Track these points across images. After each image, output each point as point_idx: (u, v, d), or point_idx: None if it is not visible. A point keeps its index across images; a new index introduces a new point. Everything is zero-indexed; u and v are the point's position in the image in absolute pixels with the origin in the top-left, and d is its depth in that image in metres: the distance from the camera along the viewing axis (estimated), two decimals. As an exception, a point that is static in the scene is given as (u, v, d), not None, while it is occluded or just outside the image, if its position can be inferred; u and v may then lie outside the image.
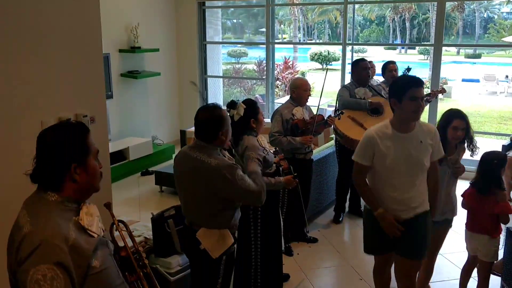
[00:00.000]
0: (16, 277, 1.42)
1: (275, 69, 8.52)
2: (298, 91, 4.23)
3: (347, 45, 6.99)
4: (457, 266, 3.85)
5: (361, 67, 4.68)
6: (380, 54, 24.53)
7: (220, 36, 8.65)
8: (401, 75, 2.70)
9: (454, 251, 4.16)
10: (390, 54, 26.56)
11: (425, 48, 26.49)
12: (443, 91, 5.35)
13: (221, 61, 8.89)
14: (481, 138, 2.97)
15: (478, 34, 30.48)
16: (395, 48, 30.10)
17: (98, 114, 2.87)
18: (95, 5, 2.79)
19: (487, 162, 3.09)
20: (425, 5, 31.15)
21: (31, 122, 2.53)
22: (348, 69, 6.88)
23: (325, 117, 4.34)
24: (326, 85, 4.22)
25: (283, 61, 15.73)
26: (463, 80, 19.56)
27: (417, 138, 2.65)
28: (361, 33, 30.34)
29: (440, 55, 6.38)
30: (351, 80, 4.84)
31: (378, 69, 5.50)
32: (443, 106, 6.03)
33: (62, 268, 1.37)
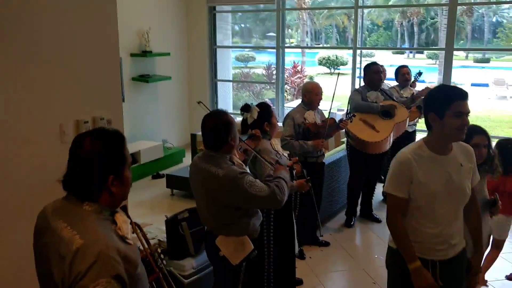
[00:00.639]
0: None
1: (284, 73, 8.54)
2: (309, 95, 4.23)
3: (358, 49, 7.00)
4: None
5: (373, 71, 4.69)
6: (388, 58, 24.48)
7: (230, 40, 8.69)
8: (440, 85, 2.34)
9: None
10: (398, 58, 26.50)
11: (433, 52, 26.43)
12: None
13: (231, 65, 8.93)
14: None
15: (487, 38, 30.34)
16: (403, 53, 30.05)
17: (114, 116, 2.90)
18: (112, 11, 2.82)
19: (504, 146, 3.16)
20: (433, 9, 31.13)
21: (50, 124, 2.56)
22: (357, 73, 6.89)
23: (336, 121, 4.35)
24: (336, 89, 4.23)
25: (292, 66, 15.78)
26: (472, 84, 19.46)
27: (456, 160, 2.24)
28: (369, 37, 30.32)
29: (451, 59, 6.37)
30: (363, 83, 4.85)
31: (388, 73, 5.51)
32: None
33: (119, 280, 1.37)
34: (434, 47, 25.59)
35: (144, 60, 7.04)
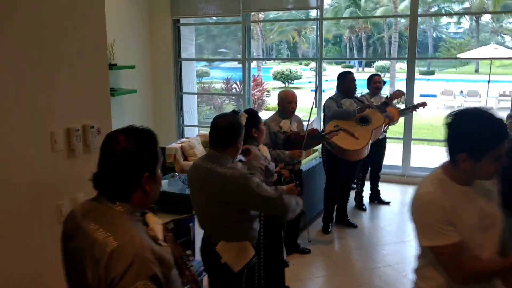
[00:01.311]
0: None
1: (252, 84, 8.60)
2: (282, 103, 4.26)
3: (323, 60, 7.18)
4: None
5: (350, 79, 4.81)
6: (338, 71, 25.18)
7: (194, 53, 8.65)
8: (479, 117, 1.70)
9: None
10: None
11: (382, 65, 27.54)
12: (424, 104, 5.57)
13: (195, 79, 8.89)
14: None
15: (431, 52, 31.98)
16: (352, 66, 31.08)
17: (104, 125, 2.81)
18: (101, 18, 2.77)
19: None
20: (380, 24, 32.47)
21: (40, 132, 2.45)
22: (324, 84, 7.05)
23: (320, 132, 4.39)
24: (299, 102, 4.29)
25: (252, 79, 16.00)
26: (420, 95, 20.33)
27: (482, 186, 1.83)
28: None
29: (414, 69, 6.64)
30: (336, 91, 4.95)
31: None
32: (407, 118, 6.17)
33: (155, 281, 1.34)
34: (401, 56, 26.32)
35: (110, 73, 6.86)
